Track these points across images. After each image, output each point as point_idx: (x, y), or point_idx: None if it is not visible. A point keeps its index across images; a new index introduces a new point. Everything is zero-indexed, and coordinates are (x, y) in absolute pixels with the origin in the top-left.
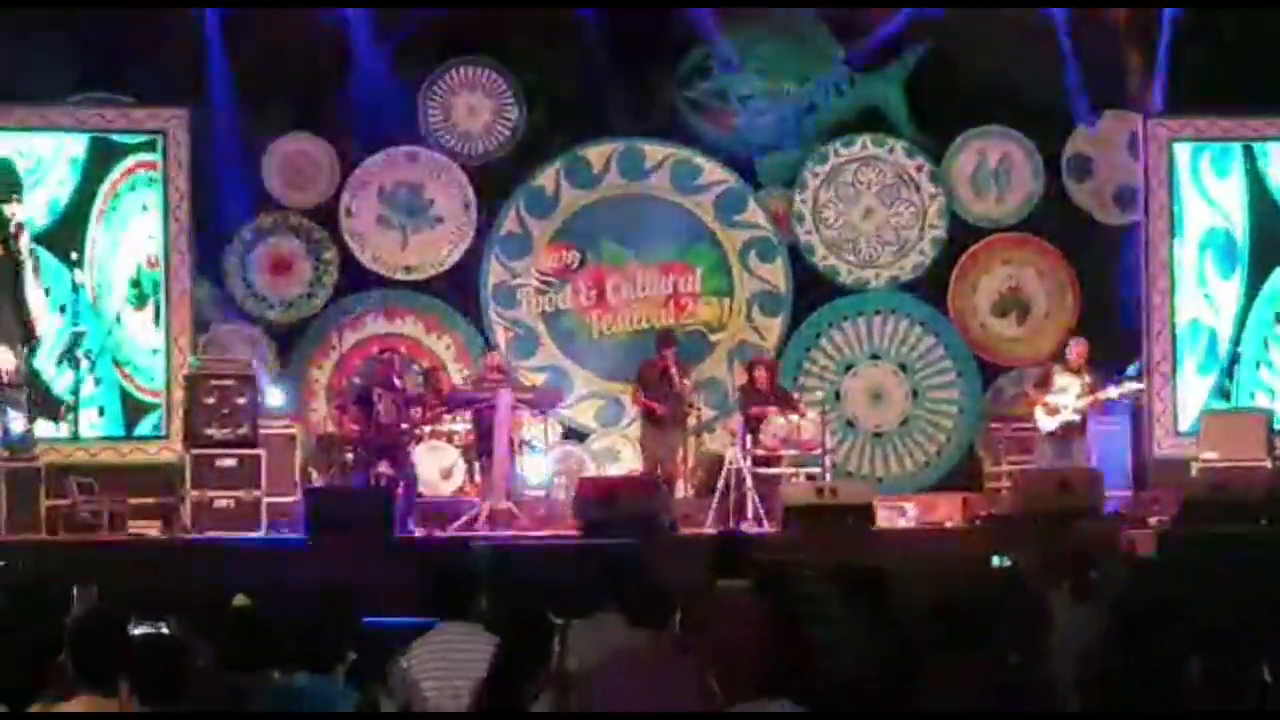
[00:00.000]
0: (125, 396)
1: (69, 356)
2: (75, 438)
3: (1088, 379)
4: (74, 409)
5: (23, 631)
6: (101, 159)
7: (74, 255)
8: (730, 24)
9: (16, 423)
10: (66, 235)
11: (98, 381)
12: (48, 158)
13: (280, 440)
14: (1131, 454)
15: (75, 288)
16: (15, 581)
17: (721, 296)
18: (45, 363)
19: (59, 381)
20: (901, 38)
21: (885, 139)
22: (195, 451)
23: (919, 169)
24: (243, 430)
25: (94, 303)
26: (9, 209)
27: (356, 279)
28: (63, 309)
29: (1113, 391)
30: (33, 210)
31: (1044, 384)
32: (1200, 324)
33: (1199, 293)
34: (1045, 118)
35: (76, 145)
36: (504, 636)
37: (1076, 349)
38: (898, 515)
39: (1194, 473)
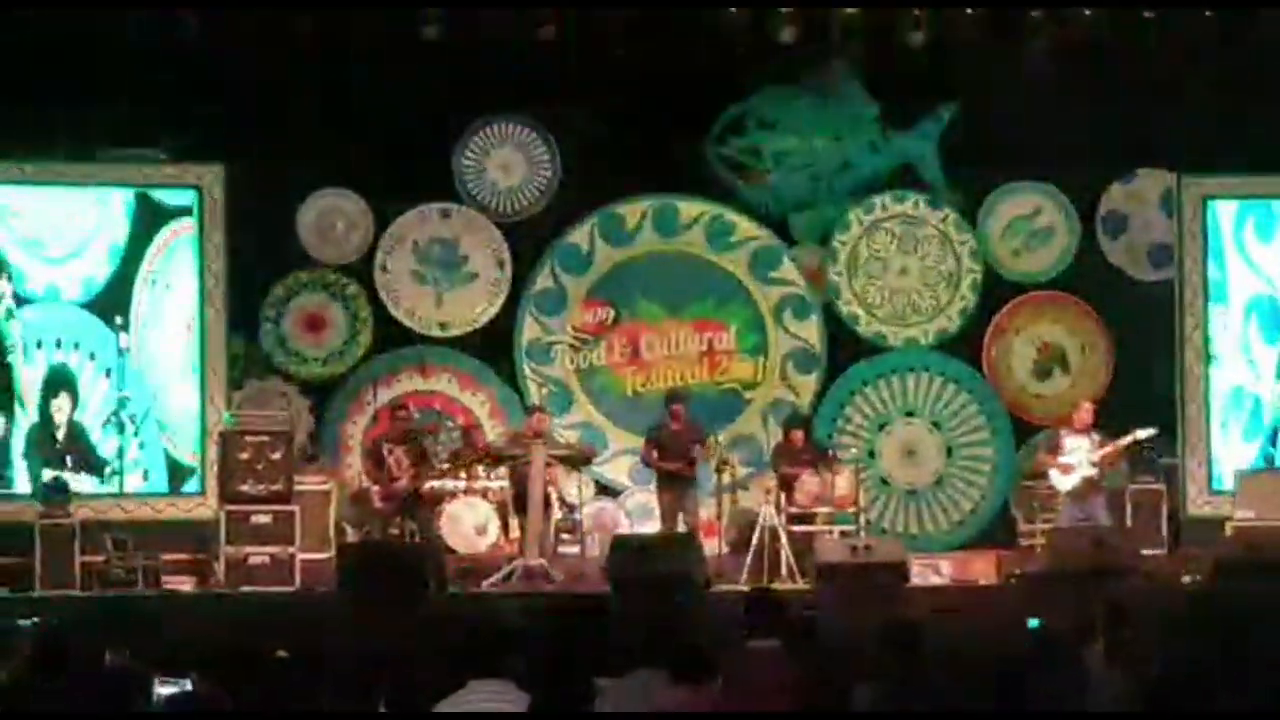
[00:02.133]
0: (169, 460)
1: (114, 420)
2: (109, 493)
3: (1097, 436)
4: (119, 473)
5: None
6: (147, 224)
7: (119, 320)
8: (764, 81)
9: None
10: (112, 300)
11: (142, 445)
12: (94, 223)
13: (315, 496)
14: (1166, 512)
15: (121, 352)
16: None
17: (756, 354)
18: (91, 425)
19: (104, 445)
20: (935, 94)
21: (918, 196)
22: (230, 507)
23: (954, 226)
24: (277, 486)
25: (139, 367)
26: None
27: (390, 335)
28: (108, 373)
29: (1123, 441)
30: (79, 275)
31: (1054, 448)
32: (1244, 391)
33: (1243, 360)
34: (1079, 173)
35: (123, 212)
36: (538, 694)
37: (1083, 412)
38: (931, 573)
39: (1228, 532)
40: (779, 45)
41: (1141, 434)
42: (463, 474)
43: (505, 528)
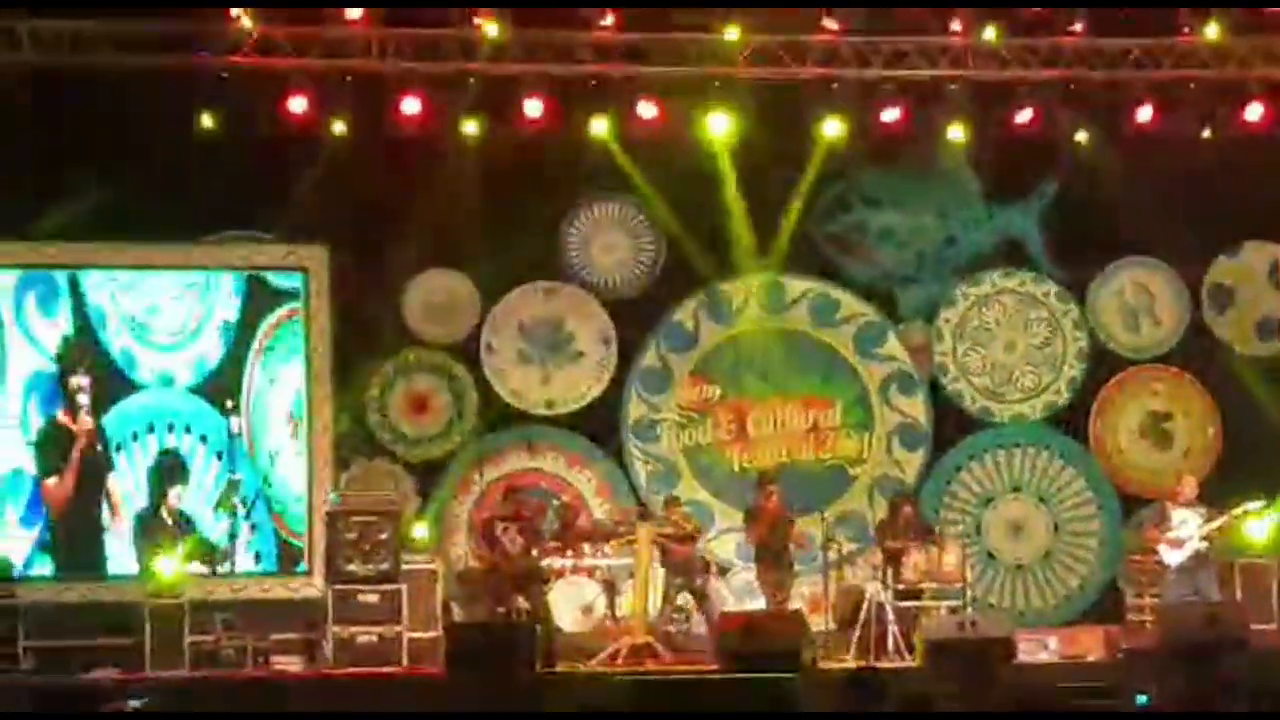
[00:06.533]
0: (281, 542)
1: (225, 503)
2: (219, 574)
3: (1204, 510)
4: (231, 556)
5: None
6: (255, 309)
7: (230, 404)
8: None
9: None
10: (223, 384)
11: (254, 528)
12: (205, 305)
13: (421, 575)
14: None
15: (231, 435)
16: None
17: (861, 430)
18: (202, 510)
19: (215, 529)
20: (1039, 169)
21: (1023, 272)
22: (337, 587)
23: (1067, 314)
24: (384, 566)
25: (250, 450)
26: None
27: (497, 414)
28: (219, 456)
29: (1232, 514)
30: (191, 361)
31: (1162, 521)
32: None
33: None
34: (1185, 248)
35: (232, 290)
36: None
37: (1188, 485)
38: (1039, 649)
39: None
40: (884, 122)
41: (1250, 506)
42: (570, 552)
43: (611, 605)
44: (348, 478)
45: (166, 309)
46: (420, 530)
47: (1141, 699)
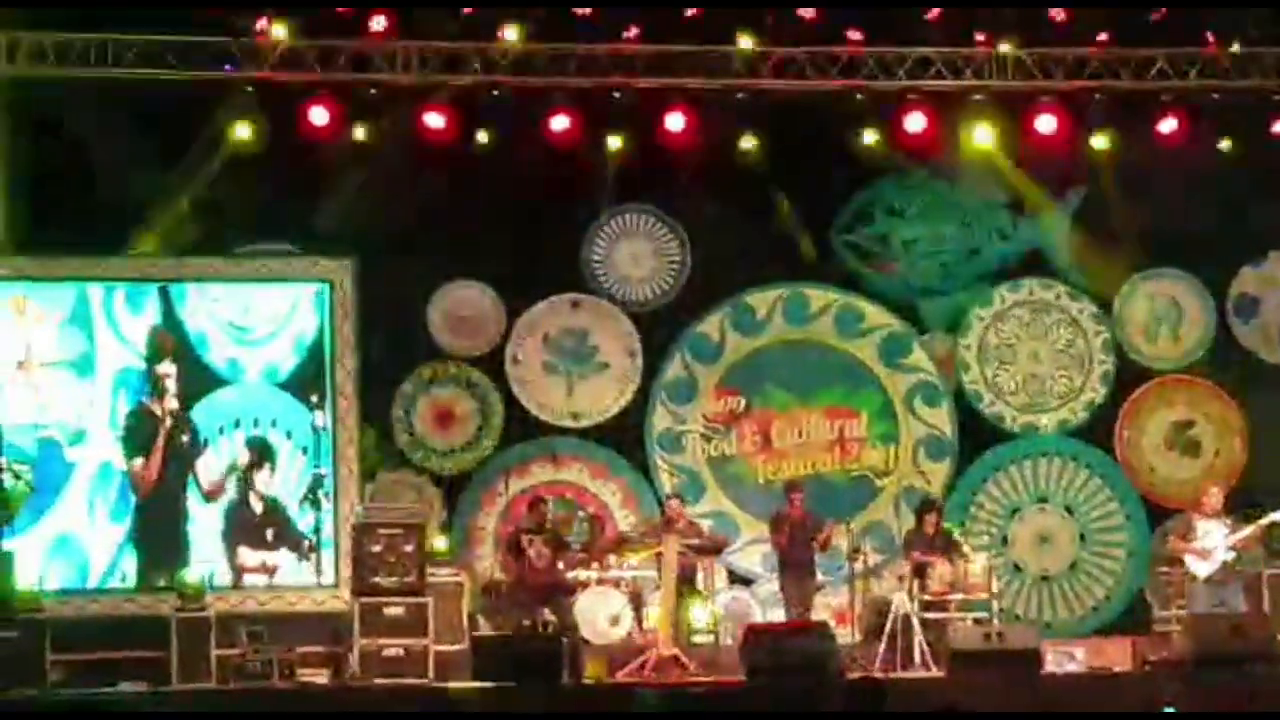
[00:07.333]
0: None
1: (311, 498)
2: (238, 586)
3: (1230, 520)
4: (316, 549)
5: None
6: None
7: (314, 398)
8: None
9: None
10: (308, 379)
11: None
12: (289, 307)
13: (448, 588)
14: None
15: (316, 430)
16: None
17: (887, 441)
18: (289, 503)
19: (301, 521)
20: (1064, 180)
21: (1047, 282)
22: (363, 600)
23: (1083, 311)
24: (410, 579)
25: (335, 445)
26: (160, 368)
27: (522, 426)
28: (304, 451)
29: (1260, 524)
30: (276, 356)
31: (1187, 533)
32: None
33: None
34: (1210, 258)
35: (316, 292)
36: None
37: (1213, 496)
38: (1066, 660)
39: None
40: (905, 132)
41: (1277, 516)
42: (595, 564)
43: (638, 617)
44: (371, 490)
45: (260, 301)
46: (441, 542)
47: (1169, 710)
